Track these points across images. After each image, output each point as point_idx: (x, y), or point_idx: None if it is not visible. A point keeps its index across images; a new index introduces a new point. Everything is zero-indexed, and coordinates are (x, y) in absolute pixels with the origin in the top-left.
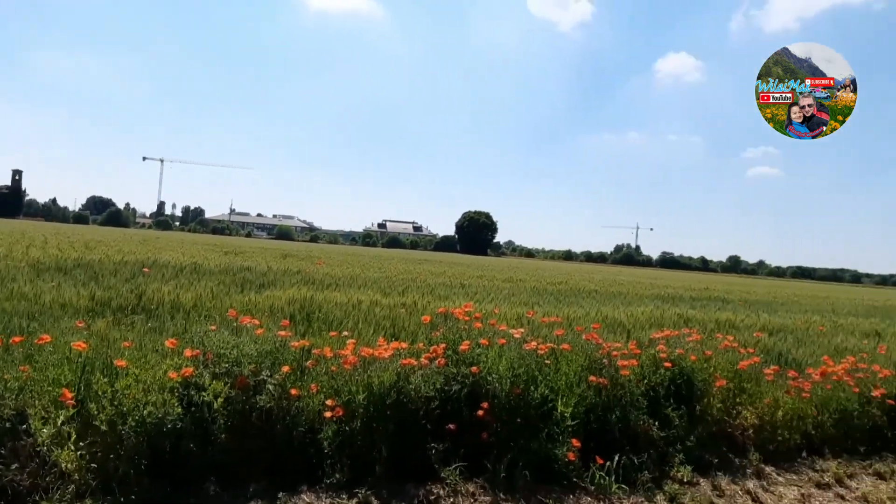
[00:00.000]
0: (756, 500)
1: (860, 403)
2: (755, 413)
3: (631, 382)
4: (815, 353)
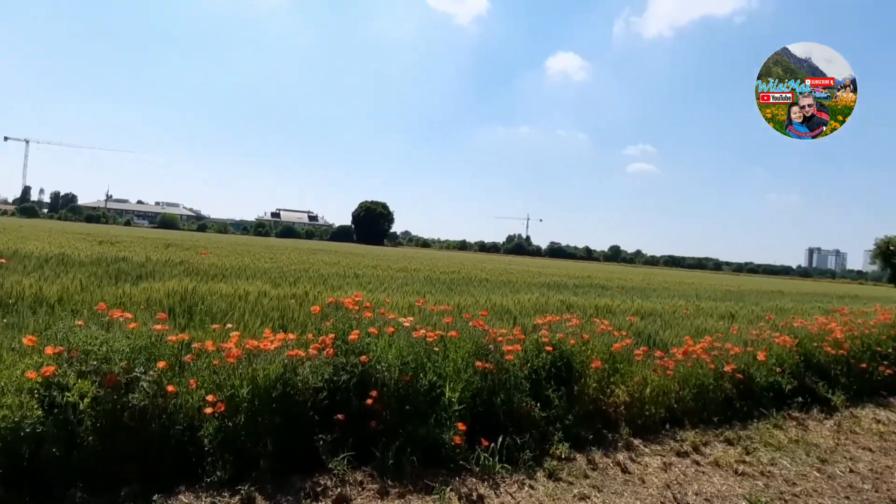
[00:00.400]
0: (625, 470)
1: (715, 378)
2: (626, 391)
3: (515, 366)
4: (679, 335)
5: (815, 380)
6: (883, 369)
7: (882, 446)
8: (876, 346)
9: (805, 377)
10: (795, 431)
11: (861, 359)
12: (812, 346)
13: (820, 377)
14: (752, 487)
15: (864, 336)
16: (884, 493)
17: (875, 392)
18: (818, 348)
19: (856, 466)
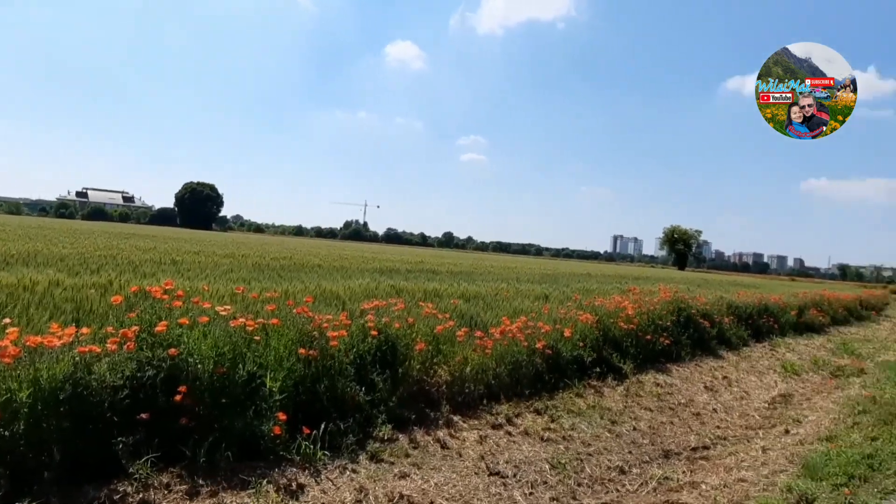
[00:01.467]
0: (444, 446)
1: (528, 354)
2: (448, 370)
3: (341, 352)
4: (498, 315)
5: (610, 352)
6: (663, 340)
7: (659, 405)
8: (658, 319)
9: (603, 350)
10: (593, 398)
11: (647, 331)
12: (609, 322)
13: (614, 349)
14: (554, 451)
15: (650, 312)
16: (658, 446)
17: (656, 360)
18: (614, 324)
19: (638, 425)
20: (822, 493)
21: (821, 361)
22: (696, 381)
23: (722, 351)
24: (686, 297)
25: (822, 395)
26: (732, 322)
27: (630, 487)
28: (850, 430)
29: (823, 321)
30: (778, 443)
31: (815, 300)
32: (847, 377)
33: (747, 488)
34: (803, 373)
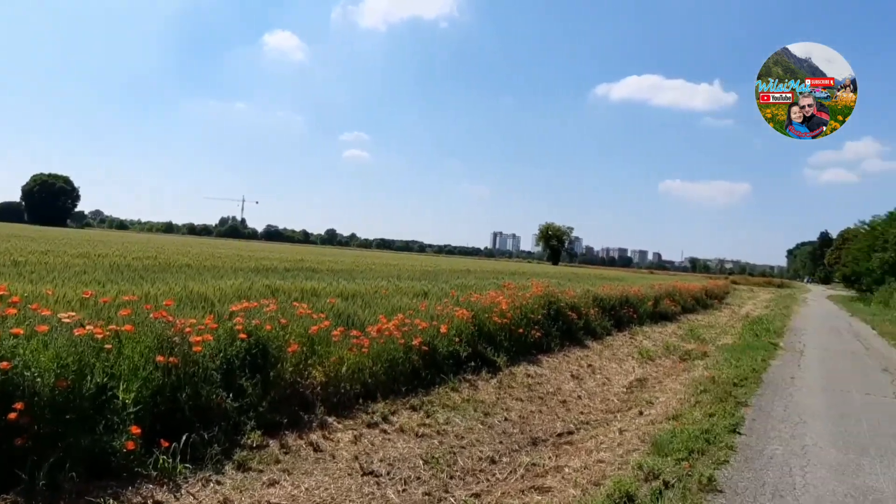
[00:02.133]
0: (317, 449)
1: (405, 352)
2: (324, 371)
3: (205, 358)
4: (376, 313)
5: (485, 346)
6: (535, 333)
7: (529, 395)
8: (530, 313)
9: (478, 344)
10: (468, 392)
11: (519, 325)
12: (484, 317)
13: (489, 343)
14: (428, 446)
15: (523, 306)
16: (527, 434)
17: (529, 351)
18: (489, 318)
19: (509, 415)
20: (666, 467)
21: (672, 347)
22: (563, 371)
23: (588, 341)
24: (556, 292)
25: (672, 377)
26: (597, 313)
27: (500, 476)
28: (692, 409)
29: (675, 310)
30: (633, 424)
31: (668, 291)
32: (693, 360)
33: (605, 468)
34: (657, 358)
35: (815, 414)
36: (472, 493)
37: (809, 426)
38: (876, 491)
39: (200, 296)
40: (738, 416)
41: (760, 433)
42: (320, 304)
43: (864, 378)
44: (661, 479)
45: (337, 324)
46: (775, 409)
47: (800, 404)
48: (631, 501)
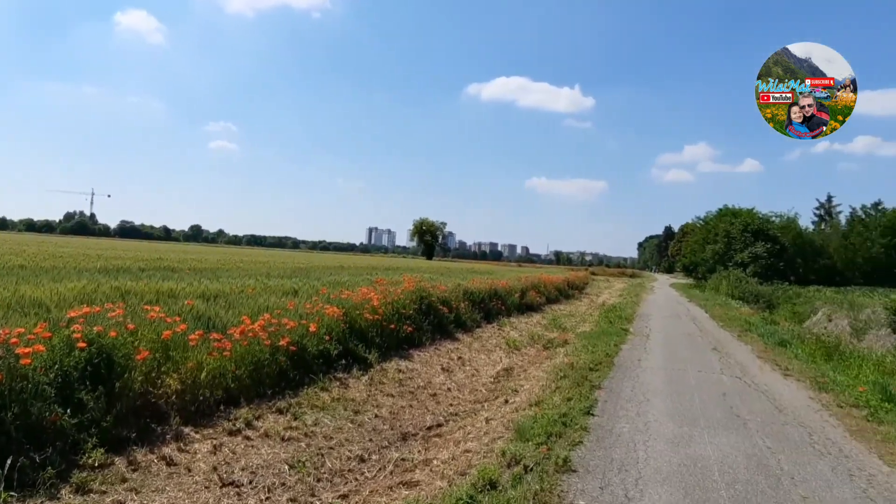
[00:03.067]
0: (171, 463)
1: (271, 353)
2: (179, 378)
3: (36, 371)
4: (240, 314)
5: (356, 343)
6: (406, 328)
7: (400, 391)
8: (402, 309)
9: (349, 342)
10: (338, 391)
11: (391, 321)
12: (356, 314)
13: (361, 340)
14: (295, 450)
15: (395, 302)
16: (397, 430)
17: (400, 346)
18: (360, 315)
19: (380, 412)
20: (527, 452)
21: (537, 336)
22: (434, 364)
23: (459, 333)
24: (428, 287)
25: (536, 365)
26: (468, 307)
27: (369, 474)
28: (553, 394)
29: (540, 301)
30: (499, 412)
31: (534, 283)
32: (555, 348)
33: (471, 458)
34: (523, 347)
35: (657, 392)
36: (339, 495)
37: (652, 404)
38: (703, 458)
39: (34, 301)
40: (593, 398)
41: (611, 413)
42: (178, 306)
43: (697, 357)
44: (522, 465)
45: (196, 327)
46: (624, 390)
47: (645, 384)
48: (494, 488)
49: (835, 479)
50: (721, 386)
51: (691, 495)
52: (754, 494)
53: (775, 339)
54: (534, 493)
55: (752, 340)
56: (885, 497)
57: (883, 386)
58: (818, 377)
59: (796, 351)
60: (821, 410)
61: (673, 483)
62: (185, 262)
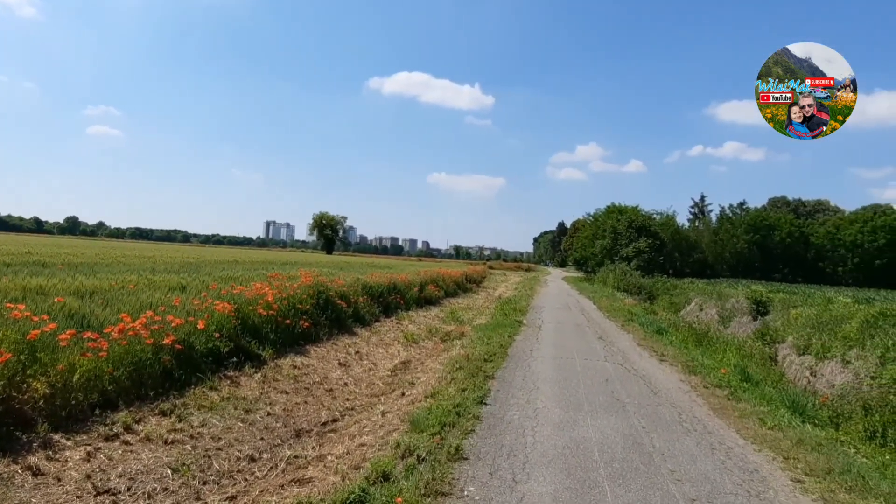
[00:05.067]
0: (38, 473)
1: (154, 352)
2: (48, 382)
3: None
4: (119, 312)
5: (249, 340)
6: (303, 323)
7: (295, 387)
8: (299, 304)
9: (241, 338)
10: (229, 389)
11: (287, 316)
12: (248, 310)
13: (254, 336)
14: (179, 453)
15: (291, 297)
16: (291, 427)
17: (297, 342)
18: (253, 311)
19: (273, 409)
20: (421, 443)
21: (434, 329)
22: (331, 359)
23: (357, 328)
24: (326, 281)
25: (433, 358)
26: (367, 301)
27: (259, 474)
28: (448, 386)
29: (439, 294)
30: (395, 405)
31: (433, 277)
32: (452, 341)
33: (366, 451)
34: (421, 340)
35: (546, 379)
36: (227, 497)
37: (542, 391)
38: (586, 440)
39: None
40: (486, 388)
41: (503, 402)
42: (47, 303)
43: (585, 346)
44: (415, 455)
45: (68, 326)
46: (516, 379)
47: (536, 373)
48: (387, 480)
49: (699, 453)
50: (604, 372)
51: (574, 475)
52: (629, 471)
53: (654, 328)
54: (426, 483)
55: (634, 329)
56: (741, 467)
57: (742, 368)
58: (689, 362)
59: (671, 338)
60: (690, 392)
61: (557, 465)
62: (58, 257)
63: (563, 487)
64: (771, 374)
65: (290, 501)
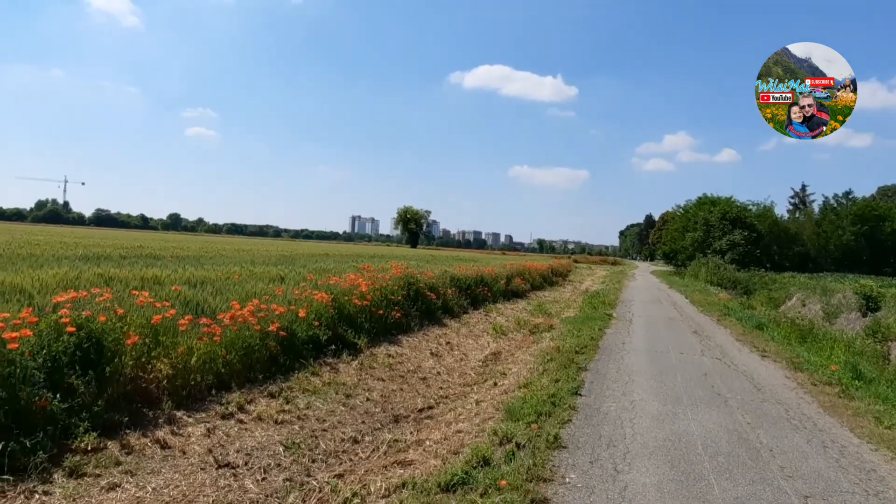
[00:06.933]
0: (165, 445)
1: (261, 338)
2: (170, 363)
3: (24, 356)
4: (228, 300)
5: (345, 328)
6: (395, 313)
7: (390, 375)
8: (390, 295)
9: (338, 327)
10: (329, 375)
11: (380, 306)
12: (344, 300)
13: (349, 325)
14: (289, 432)
15: (383, 288)
16: (389, 412)
17: (389, 332)
18: (348, 301)
19: (371, 395)
20: (518, 431)
21: (522, 321)
22: (423, 349)
23: (446, 319)
24: (415, 273)
25: (523, 349)
26: (455, 293)
27: (363, 455)
28: (540, 377)
29: (525, 287)
30: (488, 395)
31: (519, 270)
32: (541, 333)
33: (463, 437)
34: (510, 332)
35: (641, 372)
36: (335, 475)
37: (637, 384)
38: (688, 434)
39: (14, 287)
40: (580, 379)
41: (598, 393)
42: (164, 292)
43: (679, 340)
44: (513, 442)
45: (184, 312)
46: (610, 372)
47: (629, 366)
48: (487, 465)
49: (810, 451)
50: (702, 367)
51: (677, 467)
52: (736, 465)
53: (753, 323)
54: (527, 468)
55: (731, 324)
56: (856, 465)
57: (853, 365)
58: (793, 358)
59: (772, 334)
60: (796, 388)
61: (659, 456)
62: (166, 250)
63: (668, 479)
64: (885, 373)
65: (396, 481)
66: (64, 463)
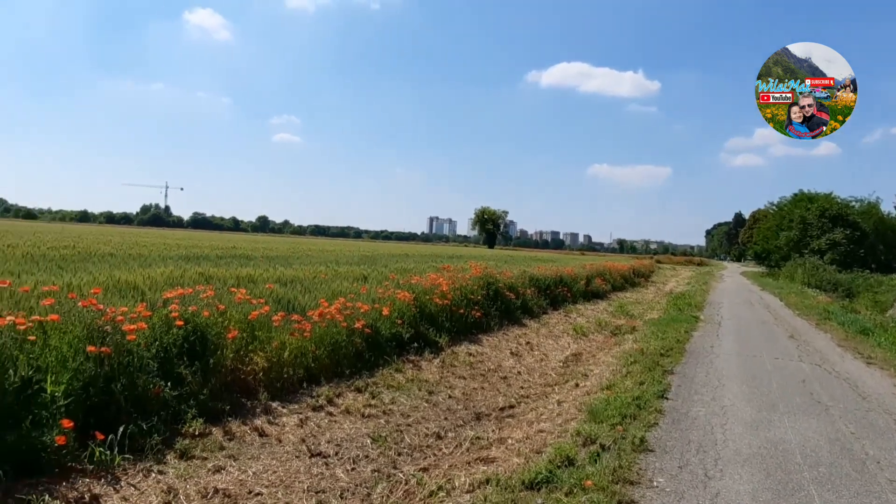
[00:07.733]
0: (263, 434)
1: (347, 335)
2: (265, 357)
3: (140, 346)
4: (316, 298)
5: (427, 327)
6: (474, 313)
7: (471, 373)
8: (470, 294)
9: (420, 325)
10: (412, 372)
11: (460, 306)
12: (425, 299)
13: (431, 324)
14: (375, 426)
15: (462, 287)
16: (471, 410)
17: (469, 331)
18: (429, 300)
19: (453, 393)
20: (602, 432)
21: (603, 323)
22: (503, 349)
23: (525, 319)
24: (494, 273)
25: (605, 351)
26: (534, 293)
27: (446, 450)
28: (624, 379)
29: (606, 288)
30: (570, 395)
31: (599, 271)
32: (623, 335)
33: (545, 437)
34: (590, 333)
35: (731, 377)
36: (420, 468)
37: (727, 388)
38: (784, 442)
39: (129, 284)
40: (666, 383)
41: (685, 397)
42: (258, 290)
43: (773, 344)
44: (598, 444)
45: (277, 309)
46: (698, 375)
47: (719, 370)
48: (571, 464)
49: None
50: (800, 373)
51: (773, 476)
52: (839, 477)
53: (856, 328)
54: (612, 470)
55: (831, 329)
56: None
57: None
58: None
59: (879, 339)
60: None
61: (753, 464)
62: (257, 251)
63: (763, 487)
64: None
65: (480, 477)
66: (175, 446)
